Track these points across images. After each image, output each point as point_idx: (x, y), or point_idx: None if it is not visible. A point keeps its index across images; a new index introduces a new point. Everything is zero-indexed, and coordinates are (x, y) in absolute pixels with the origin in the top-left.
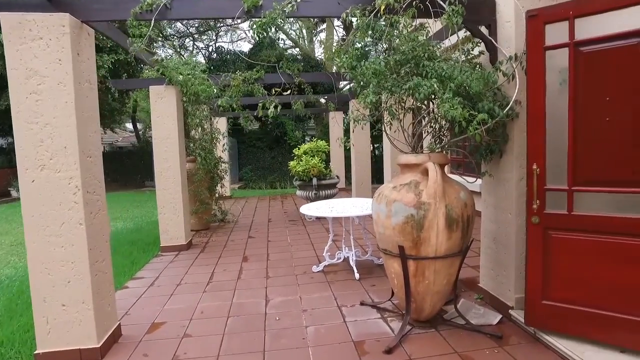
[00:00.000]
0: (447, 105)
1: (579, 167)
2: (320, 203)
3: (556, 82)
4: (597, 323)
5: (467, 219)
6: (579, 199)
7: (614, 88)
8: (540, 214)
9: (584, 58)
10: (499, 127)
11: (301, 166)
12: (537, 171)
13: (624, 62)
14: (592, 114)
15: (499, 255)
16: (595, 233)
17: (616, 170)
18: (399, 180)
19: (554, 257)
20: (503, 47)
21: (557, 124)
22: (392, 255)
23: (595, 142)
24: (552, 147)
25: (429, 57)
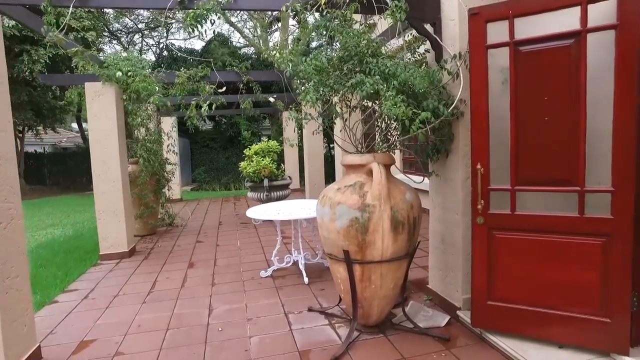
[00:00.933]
0: (389, 103)
1: (521, 167)
2: (268, 206)
3: (499, 81)
4: (537, 321)
5: (414, 220)
6: (525, 198)
7: (550, 88)
8: (485, 214)
9: (524, 58)
10: (444, 126)
11: (252, 167)
12: (481, 171)
13: (558, 63)
14: (532, 114)
15: (447, 256)
16: (533, 232)
17: (555, 169)
18: (343, 182)
19: (498, 258)
20: (448, 45)
21: (501, 123)
22: (338, 259)
23: (536, 141)
24: (497, 147)
25: (372, 53)
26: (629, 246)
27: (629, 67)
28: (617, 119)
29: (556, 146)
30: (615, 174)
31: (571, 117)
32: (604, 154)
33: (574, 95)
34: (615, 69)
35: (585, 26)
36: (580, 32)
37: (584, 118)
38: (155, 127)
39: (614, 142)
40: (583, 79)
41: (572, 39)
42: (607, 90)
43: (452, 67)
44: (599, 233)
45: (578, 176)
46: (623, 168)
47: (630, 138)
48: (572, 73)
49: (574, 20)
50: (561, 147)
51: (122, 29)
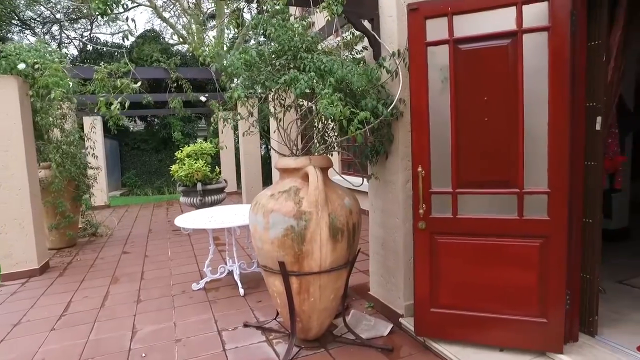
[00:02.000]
0: (325, 102)
1: (462, 169)
2: (200, 212)
3: (439, 80)
4: (480, 326)
5: (353, 227)
6: (467, 201)
7: (489, 88)
8: (427, 218)
9: (463, 56)
10: (384, 127)
11: (184, 170)
12: (422, 174)
13: (496, 63)
14: (472, 114)
15: (388, 261)
16: (476, 236)
17: (495, 171)
18: (277, 187)
19: (441, 264)
20: (386, 42)
21: (443, 123)
22: (273, 272)
23: (477, 142)
24: (439, 148)
25: (307, 48)
26: (564, 246)
27: (560, 69)
28: (551, 120)
29: (496, 147)
30: (551, 175)
31: (510, 118)
32: (542, 155)
33: (512, 96)
34: (549, 70)
35: (521, 27)
36: (516, 32)
37: (522, 119)
38: (72, 128)
39: (549, 143)
40: (520, 79)
41: (509, 39)
42: (543, 92)
43: (390, 65)
44: (537, 235)
45: (517, 178)
46: (558, 169)
47: (564, 139)
48: (510, 73)
49: (512, 20)
50: (501, 148)
51: (37, 19)
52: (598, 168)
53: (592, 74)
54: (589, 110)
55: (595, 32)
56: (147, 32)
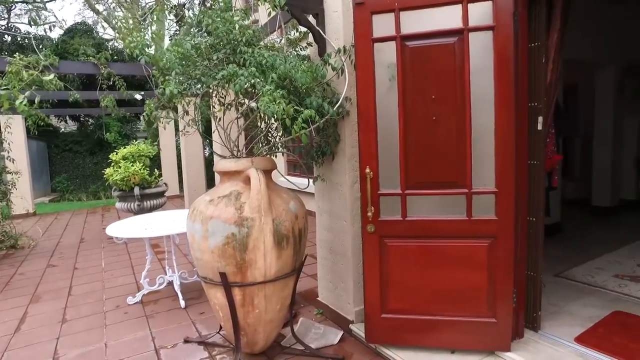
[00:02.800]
0: (266, 99)
1: (411, 170)
2: (135, 220)
3: (387, 78)
4: (431, 329)
5: (299, 233)
6: (417, 203)
7: (437, 87)
8: (375, 221)
9: (410, 53)
10: (330, 127)
11: (119, 174)
12: (370, 175)
13: (443, 61)
14: (420, 113)
15: (337, 266)
16: (426, 238)
17: (444, 171)
18: (217, 192)
19: (391, 268)
20: (332, 38)
21: (391, 123)
22: (214, 283)
23: (425, 142)
24: (387, 148)
25: (248, 42)
26: (511, 246)
27: (505, 69)
28: (497, 120)
29: (444, 147)
30: (498, 175)
31: (457, 118)
32: (489, 155)
33: (460, 95)
34: (494, 70)
35: (467, 25)
36: (462, 30)
37: (469, 118)
38: None
39: (495, 143)
40: (467, 78)
41: (456, 37)
42: (489, 91)
43: (336, 62)
44: (486, 235)
45: (466, 178)
46: (504, 169)
47: (509, 139)
48: (457, 72)
49: (459, 18)
50: (449, 148)
51: None
52: (540, 167)
53: (533, 75)
54: (531, 110)
55: (535, 33)
56: (78, 25)
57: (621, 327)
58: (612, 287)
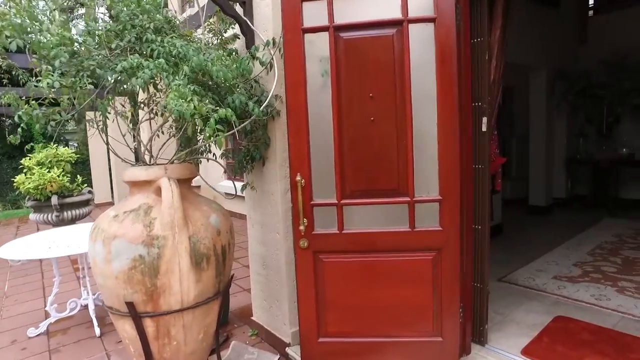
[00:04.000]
0: (172, 95)
1: (348, 177)
2: (39, 236)
3: (319, 73)
4: (375, 353)
5: (222, 250)
6: (356, 214)
7: (375, 83)
8: (309, 235)
9: (345, 46)
10: (259, 129)
11: (32, 182)
12: (301, 183)
13: (382, 55)
14: (356, 113)
15: (271, 283)
16: (365, 252)
17: (384, 178)
18: (124, 206)
19: (327, 287)
20: (260, 30)
21: (325, 124)
22: (121, 314)
23: (363, 146)
24: (321, 153)
25: (157, 29)
26: (457, 258)
27: (448, 65)
28: (440, 120)
29: (384, 151)
30: (442, 181)
31: (398, 118)
32: (432, 159)
33: (400, 93)
34: (437, 65)
35: (407, 15)
36: (402, 21)
37: (410, 119)
38: None
39: (439, 146)
40: (407, 74)
41: (395, 29)
42: (432, 89)
43: (265, 56)
44: (430, 247)
45: (407, 185)
46: (449, 174)
47: (454, 141)
48: (397, 67)
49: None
50: (389, 152)
51: None
52: (485, 171)
53: (477, 73)
54: (475, 110)
55: (477, 29)
56: None
57: (563, 334)
58: (552, 290)
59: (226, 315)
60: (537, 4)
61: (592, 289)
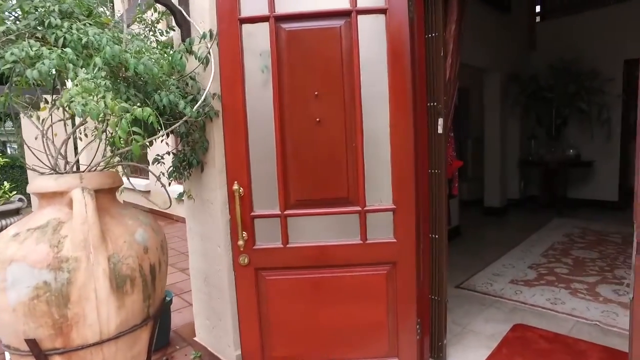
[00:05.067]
0: (74, 91)
1: (292, 184)
2: None
3: (259, 69)
4: None
5: (151, 269)
6: (303, 225)
7: (321, 80)
8: (249, 250)
9: (288, 39)
10: (196, 131)
11: None
12: (240, 192)
13: (328, 49)
14: (301, 113)
15: (213, 301)
16: (312, 268)
17: (333, 186)
18: (29, 222)
19: (272, 307)
20: (196, 21)
21: (266, 126)
22: (22, 354)
23: (309, 150)
24: (262, 159)
25: (64, 13)
26: (412, 271)
27: (401, 61)
28: (393, 122)
29: (332, 156)
30: (395, 188)
31: (347, 119)
32: (385, 164)
33: (349, 92)
34: (388, 61)
35: (355, 5)
36: (350, 12)
37: (360, 120)
38: None
39: (392, 149)
40: (357, 70)
41: (342, 20)
42: (384, 88)
43: (201, 50)
44: (384, 261)
45: (358, 193)
46: (403, 180)
47: (408, 144)
48: (345, 63)
49: None
50: (338, 157)
51: None
52: (442, 176)
53: (432, 70)
54: (431, 111)
55: (432, 23)
56: None
57: (522, 345)
58: (509, 296)
59: (167, 335)
60: (491, 8)
61: (547, 293)
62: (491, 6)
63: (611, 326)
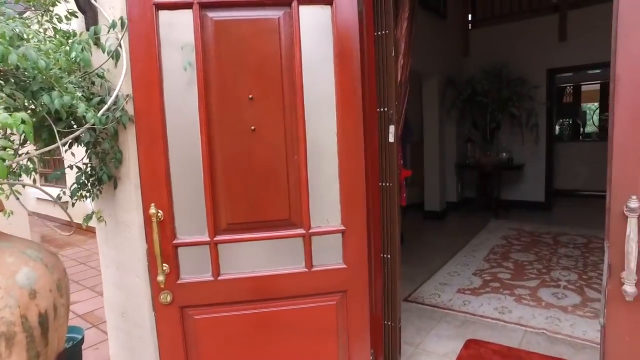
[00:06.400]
0: None
1: (223, 205)
2: None
3: (181, 66)
4: None
5: (42, 318)
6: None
7: (256, 81)
8: (173, 286)
9: (216, 30)
10: (105, 140)
11: None
12: (158, 216)
13: (265, 43)
14: (233, 120)
15: (133, 340)
16: (247, 303)
17: (272, 206)
18: None
19: (203, 352)
20: (105, 6)
21: (191, 135)
22: None
23: (243, 164)
24: (187, 174)
25: None
26: (365, 299)
27: (349, 59)
28: (341, 129)
29: (271, 171)
30: (345, 207)
31: (287, 127)
32: (332, 179)
33: (289, 95)
34: (335, 60)
35: None
36: (291, 2)
37: (303, 128)
38: None
39: (339, 161)
40: (299, 70)
41: (282, 11)
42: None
43: (110, 42)
44: (333, 290)
45: (302, 213)
46: (353, 197)
47: (357, 155)
48: (286, 61)
49: None
50: (277, 171)
51: None
52: (394, 190)
53: (383, 72)
54: (381, 117)
55: (382, 19)
56: None
57: None
58: (458, 307)
59: None
60: (429, 12)
61: (494, 301)
62: (429, 11)
63: (556, 333)
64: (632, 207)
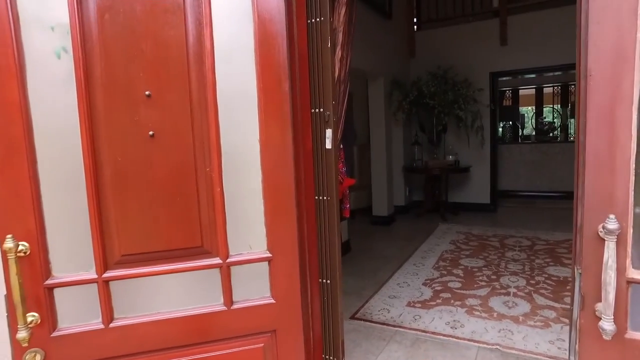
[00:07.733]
0: None
1: (117, 231)
2: None
3: (53, 53)
4: None
5: None
6: (135, 291)
7: (154, 75)
8: (46, 341)
9: (101, 8)
10: None
11: None
12: (22, 250)
13: (164, 29)
14: (125, 123)
15: None
16: (150, 353)
17: (179, 231)
18: None
19: None
20: None
21: (71, 142)
22: None
23: (140, 178)
24: (65, 193)
25: None
26: (299, 337)
27: (273, 49)
28: (264, 135)
29: (176, 187)
30: (270, 229)
31: (196, 131)
32: (253, 195)
33: (199, 91)
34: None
35: None
36: None
37: (217, 133)
38: None
39: (263, 174)
40: (210, 61)
41: None
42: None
43: None
44: (259, 330)
45: (217, 239)
46: (279, 217)
47: (285, 165)
48: (194, 49)
49: None
50: (185, 187)
51: None
52: (333, 203)
53: (317, 66)
54: (315, 119)
55: (316, 4)
56: None
57: None
58: (409, 323)
59: None
60: (374, 11)
61: (446, 315)
62: (374, 10)
63: (510, 348)
64: (610, 228)
